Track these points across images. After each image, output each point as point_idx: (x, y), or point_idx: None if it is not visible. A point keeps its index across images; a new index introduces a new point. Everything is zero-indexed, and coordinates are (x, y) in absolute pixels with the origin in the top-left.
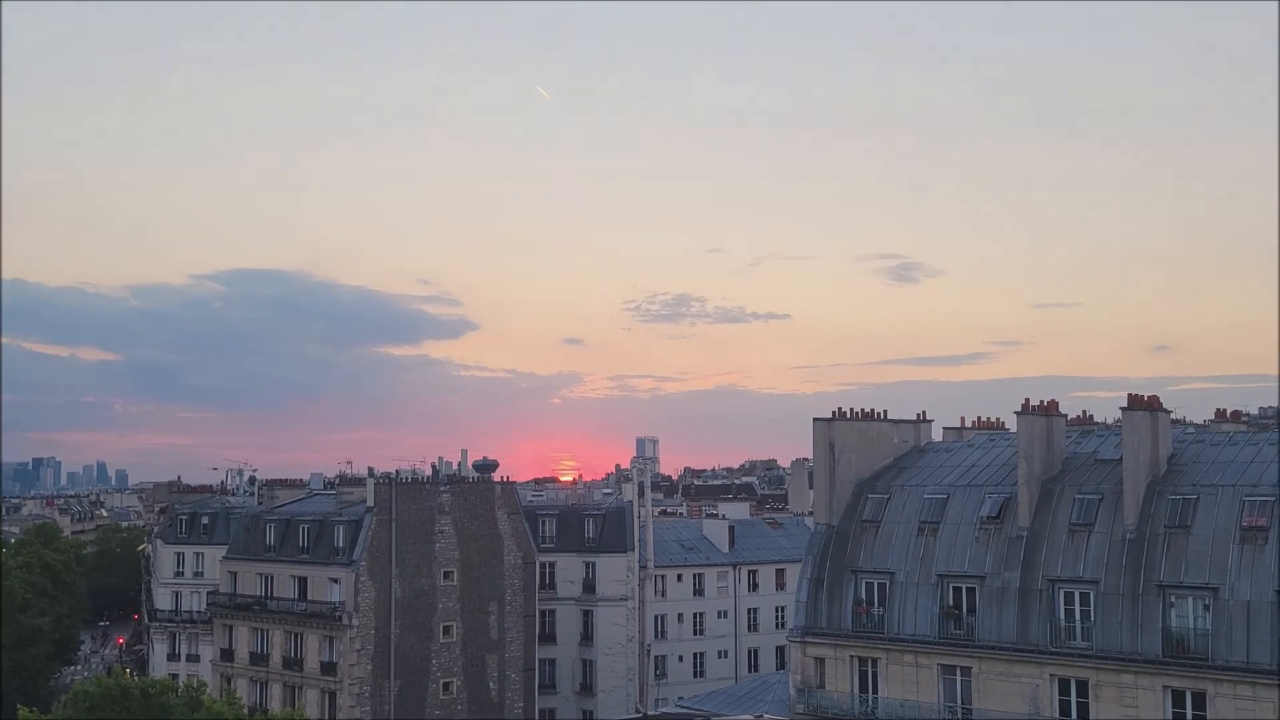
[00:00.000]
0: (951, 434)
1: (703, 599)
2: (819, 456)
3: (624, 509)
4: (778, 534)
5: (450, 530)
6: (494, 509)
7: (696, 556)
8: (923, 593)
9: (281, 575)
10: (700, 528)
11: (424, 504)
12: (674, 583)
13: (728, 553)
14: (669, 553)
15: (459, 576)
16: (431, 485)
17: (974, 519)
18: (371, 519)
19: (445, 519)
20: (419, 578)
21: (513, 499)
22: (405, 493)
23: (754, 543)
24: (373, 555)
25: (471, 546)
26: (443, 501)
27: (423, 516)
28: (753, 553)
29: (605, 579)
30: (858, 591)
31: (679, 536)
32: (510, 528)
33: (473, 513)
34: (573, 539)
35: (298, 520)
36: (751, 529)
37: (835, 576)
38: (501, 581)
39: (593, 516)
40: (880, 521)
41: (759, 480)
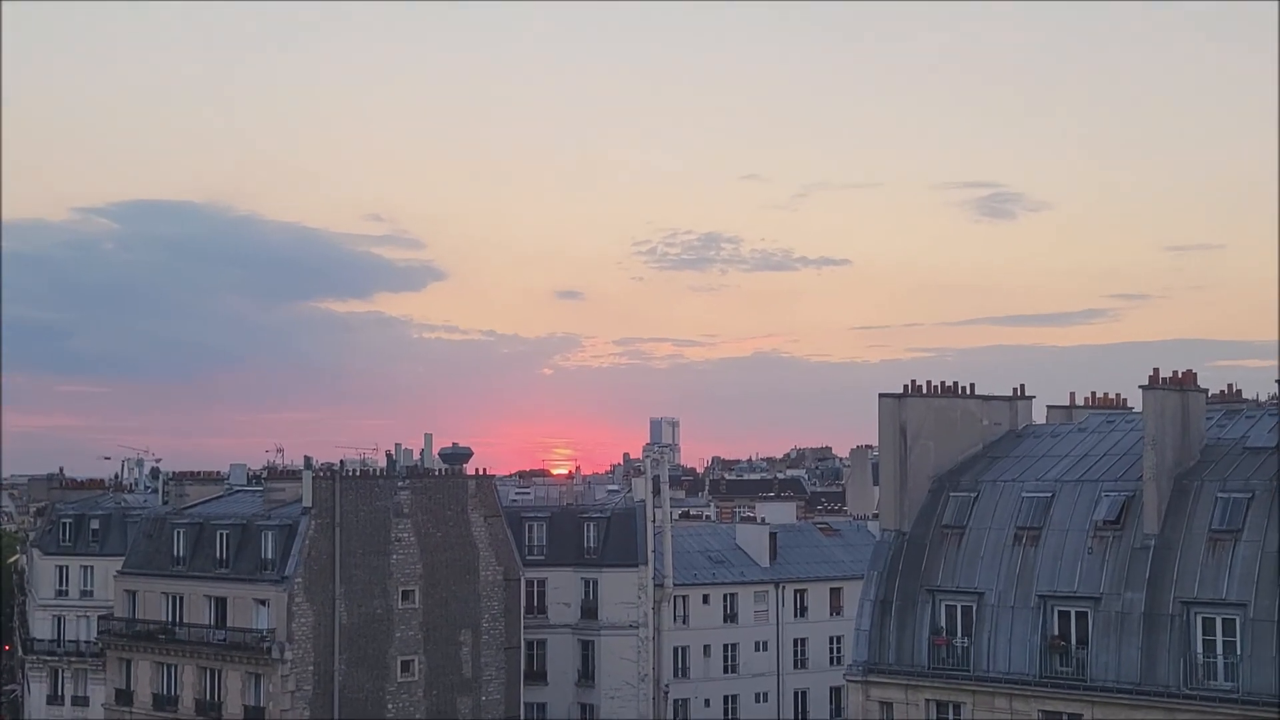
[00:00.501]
0: (1058, 414)
1: (736, 627)
2: (886, 443)
3: (634, 511)
4: (833, 543)
5: (411, 538)
6: (467, 511)
7: (728, 572)
8: (1020, 619)
9: (194, 595)
10: (733, 535)
11: (377, 504)
12: (699, 606)
13: (768, 567)
14: (692, 567)
15: (422, 597)
16: (386, 480)
17: (1086, 524)
18: (309, 523)
19: (404, 524)
20: (370, 599)
21: (491, 498)
22: (352, 489)
23: (802, 554)
24: (310, 570)
25: (438, 559)
26: (401, 501)
27: (375, 520)
28: (801, 567)
29: (610, 601)
30: (936, 617)
31: (705, 546)
32: (488, 535)
33: (440, 515)
34: (568, 549)
35: (214, 525)
36: (799, 537)
37: (907, 598)
38: (476, 604)
39: (594, 521)
40: (965, 527)
41: (809, 474)
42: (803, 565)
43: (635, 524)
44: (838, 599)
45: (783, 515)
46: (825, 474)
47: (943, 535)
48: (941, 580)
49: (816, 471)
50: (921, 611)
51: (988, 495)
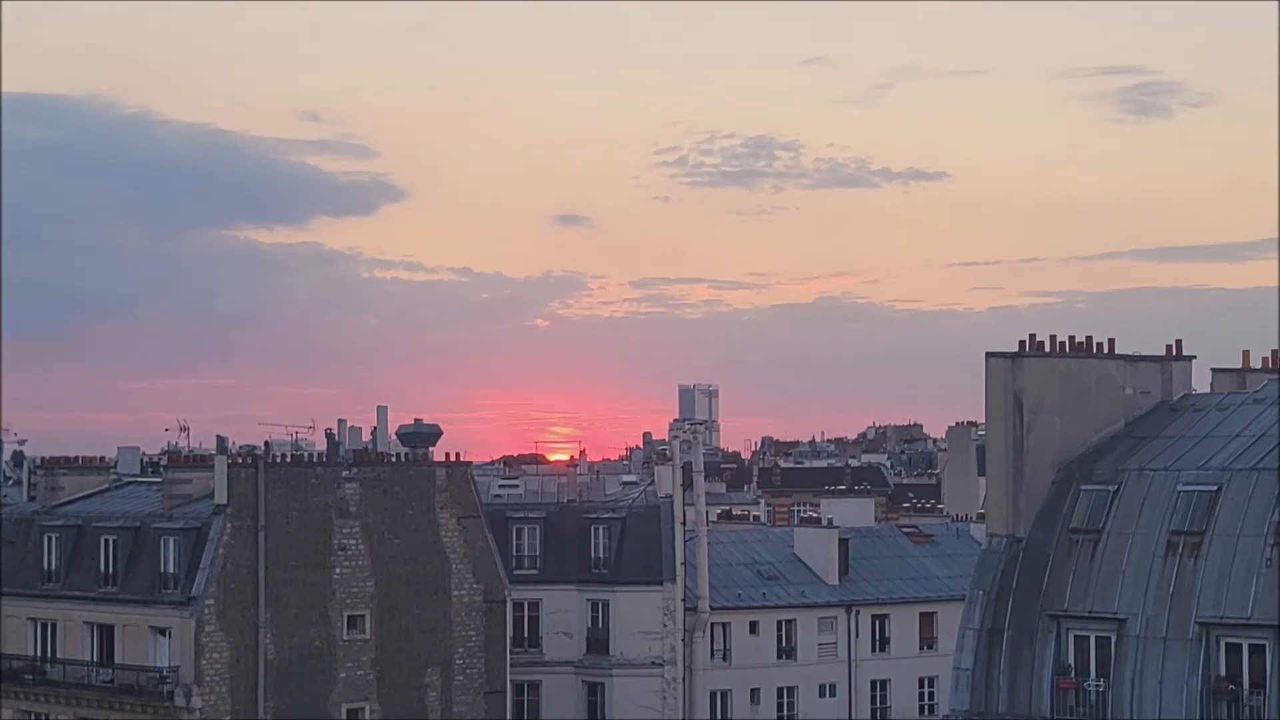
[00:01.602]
0: (1227, 380)
1: (794, 665)
2: (996, 420)
3: (657, 510)
4: (924, 553)
5: (360, 546)
6: (434, 510)
7: (784, 592)
8: (1174, 654)
9: (70, 622)
10: (790, 542)
11: (314, 501)
12: (744, 637)
13: (837, 585)
14: (736, 585)
15: (375, 625)
16: (328, 468)
17: (1263, 528)
18: (223, 527)
19: (351, 526)
20: (306, 627)
21: (467, 493)
22: (282, 481)
23: (883, 568)
24: (226, 589)
25: (396, 574)
26: (347, 496)
27: (312, 522)
28: (881, 585)
29: (626, 630)
30: (1062, 652)
31: (753, 557)
32: (462, 542)
33: (398, 516)
34: (570, 561)
35: (97, 528)
36: (878, 544)
37: (1023, 626)
38: (447, 634)
39: (604, 523)
40: (1102, 532)
41: (892, 460)
42: (883, 582)
43: (659, 527)
44: (930, 627)
45: (857, 515)
46: (914, 461)
47: (1071, 543)
48: (1070, 603)
49: (902, 457)
50: (1042, 645)
51: (1131, 489)
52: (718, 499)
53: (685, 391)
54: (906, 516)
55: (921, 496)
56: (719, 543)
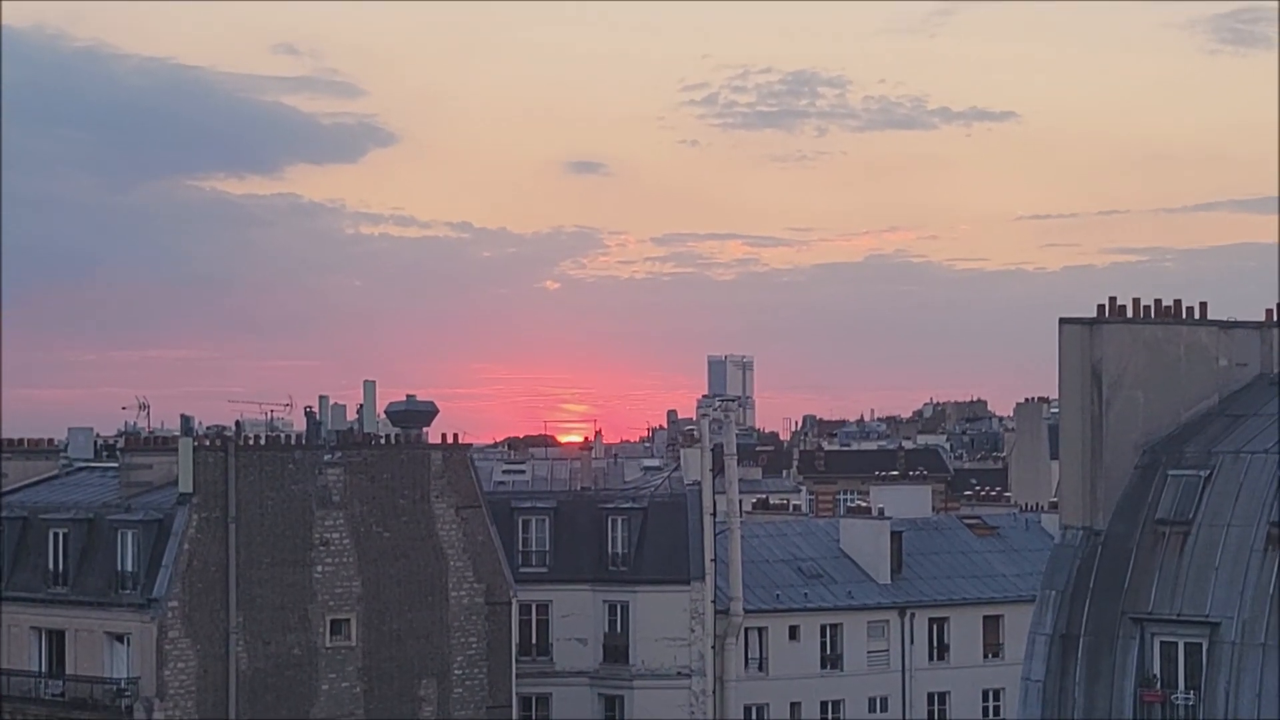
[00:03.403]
0: None
1: (840, 676)
2: (1071, 395)
3: (683, 499)
4: (988, 547)
5: (344, 541)
6: (429, 499)
7: (828, 592)
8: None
9: (16, 627)
10: (835, 535)
11: (292, 489)
12: (782, 643)
13: (889, 584)
14: (773, 584)
15: (362, 631)
16: (307, 451)
17: None
18: (189, 519)
19: (334, 518)
20: (283, 633)
21: (467, 480)
22: (256, 466)
23: (942, 565)
24: (192, 590)
25: (386, 572)
26: (329, 484)
27: (290, 514)
28: (939, 584)
29: (648, 636)
30: (1146, 660)
31: (793, 552)
32: (461, 536)
33: (388, 506)
34: (584, 557)
35: (45, 520)
36: (937, 538)
37: (1102, 631)
38: (445, 640)
39: (623, 514)
40: (1192, 523)
41: (952, 442)
42: (942, 581)
43: (685, 519)
44: (995, 632)
45: (911, 505)
46: (977, 442)
47: (1156, 536)
48: (1155, 604)
49: (964, 438)
50: (1124, 652)
51: (1226, 474)
52: (753, 486)
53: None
54: (968, 506)
55: (986, 483)
56: (754, 536)
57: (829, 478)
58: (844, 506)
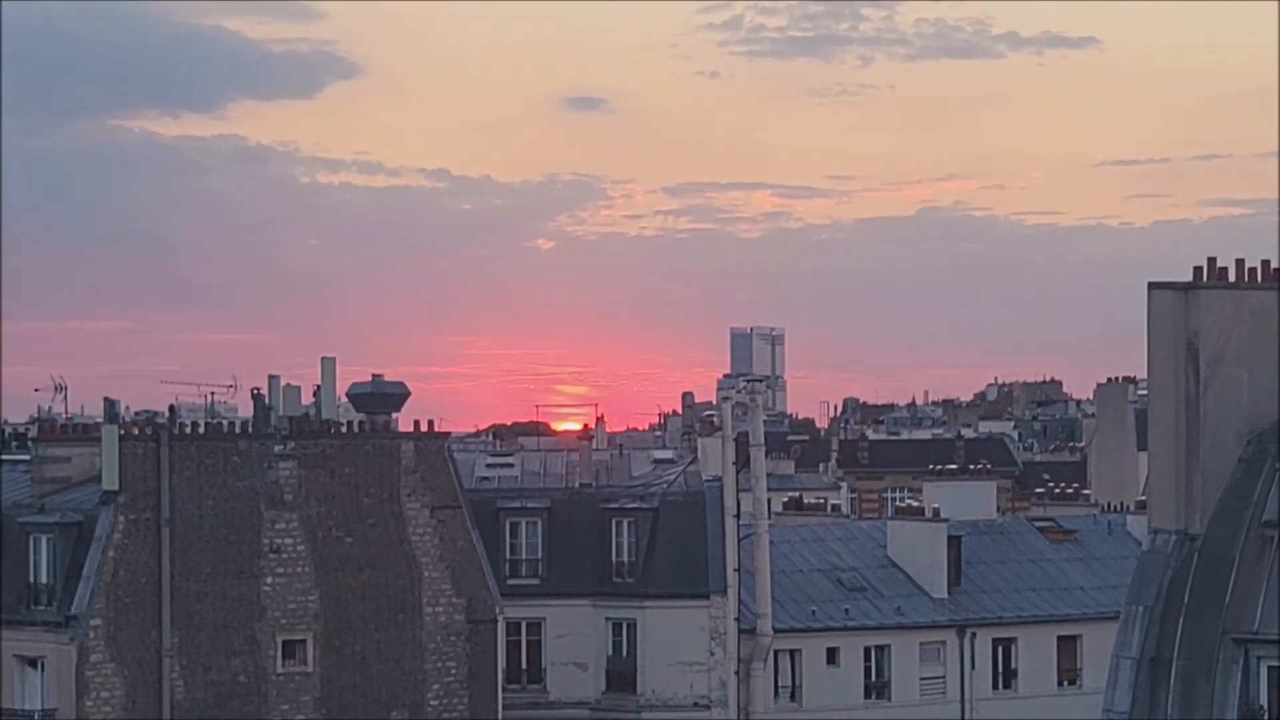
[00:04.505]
0: None
1: (886, 706)
2: (1162, 375)
3: (701, 498)
4: (1064, 554)
5: (299, 546)
6: (399, 498)
7: (873, 608)
8: None
9: None
10: (881, 539)
11: (237, 486)
12: (818, 668)
13: (945, 599)
14: (808, 598)
15: (320, 654)
16: (255, 442)
17: None
18: (114, 521)
19: (287, 521)
20: (227, 657)
21: (445, 475)
22: (194, 459)
23: (1008, 575)
24: (119, 605)
25: (348, 584)
26: (280, 480)
27: (235, 515)
28: (1005, 598)
29: (659, 659)
30: (1251, 689)
31: (832, 561)
32: (438, 541)
33: (351, 506)
34: (583, 567)
35: None
36: (1003, 544)
37: (1198, 654)
38: (418, 664)
39: (630, 516)
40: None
41: (1021, 430)
42: (1008, 595)
43: (704, 522)
44: (1072, 655)
45: (973, 504)
46: (1051, 430)
47: (1263, 541)
48: (1261, 623)
49: (1034, 426)
50: (1224, 679)
51: None
52: (784, 483)
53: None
54: (1040, 506)
55: (1060, 478)
56: (785, 542)
57: (874, 472)
58: (892, 507)
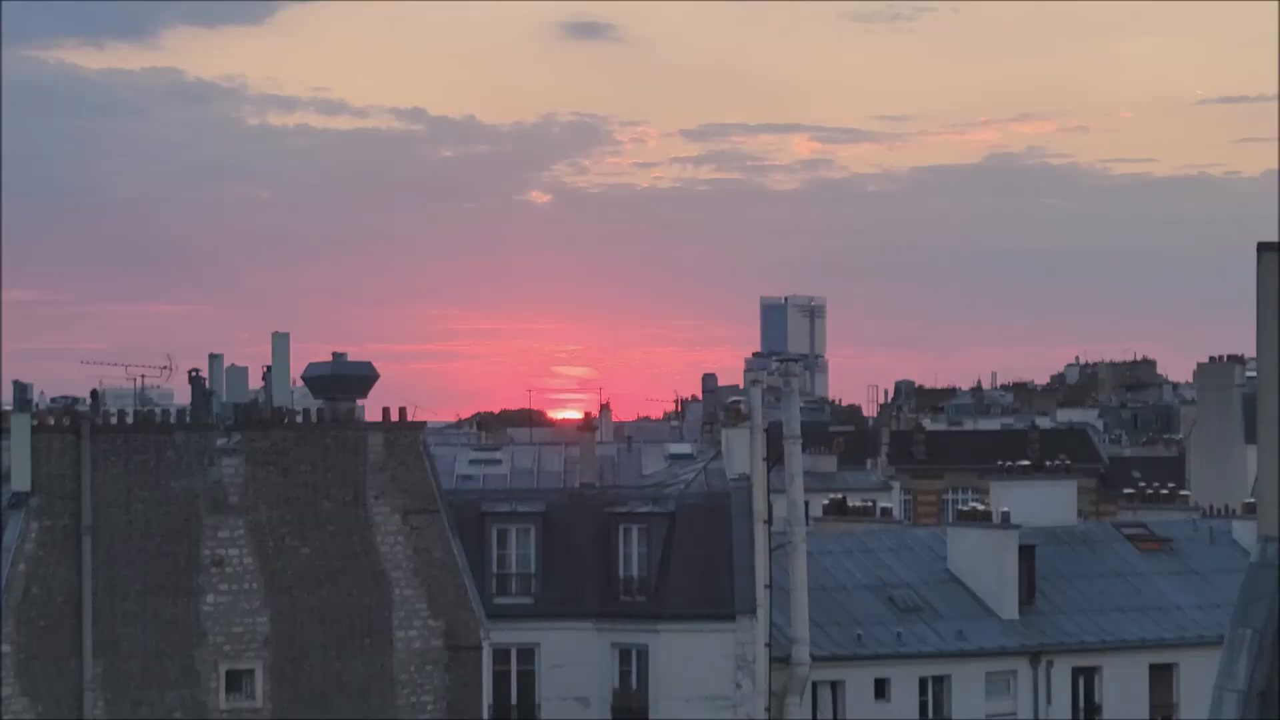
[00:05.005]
0: None
1: None
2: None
3: (724, 501)
4: (1157, 566)
5: (246, 558)
6: (365, 499)
7: (929, 632)
8: None
9: None
10: (940, 549)
11: (172, 486)
12: (865, 700)
13: (1017, 620)
14: (853, 619)
15: (271, 685)
16: (193, 434)
17: None
18: (26, 528)
19: (232, 527)
20: (160, 689)
21: (419, 473)
22: (121, 454)
23: (1092, 591)
24: (31, 628)
25: (305, 603)
26: (224, 479)
27: (170, 521)
28: (1087, 619)
29: (675, 692)
30: None
31: (881, 575)
32: (412, 551)
33: (308, 510)
34: (585, 582)
35: None
36: (1084, 554)
37: None
38: (388, 698)
39: (641, 523)
40: None
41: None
42: (1091, 616)
43: (728, 529)
44: (1167, 687)
45: (1049, 508)
46: (1142, 419)
47: None
48: None
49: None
50: None
51: None
52: (824, 482)
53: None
54: (1129, 509)
55: (1154, 477)
56: (826, 553)
57: (932, 470)
58: (953, 510)
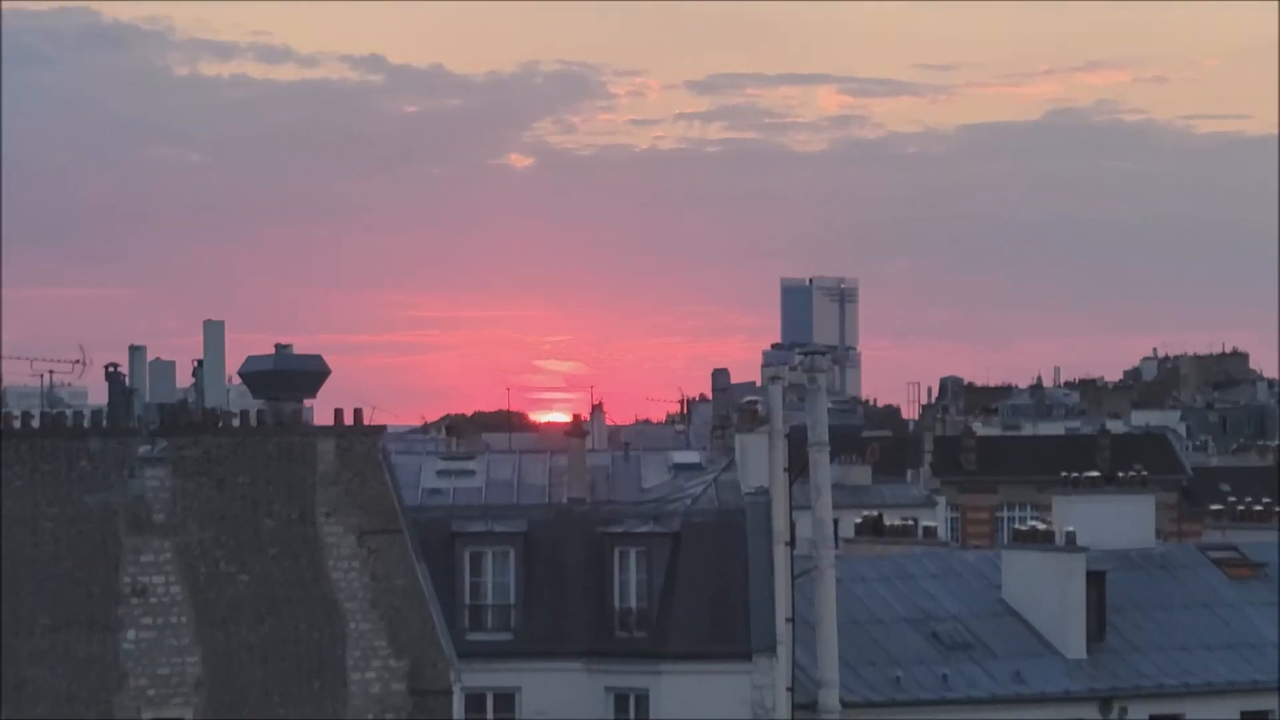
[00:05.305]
0: None
1: None
2: None
3: (739, 519)
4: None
5: (174, 587)
6: (314, 518)
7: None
8: None
9: None
10: (994, 577)
11: (86, 502)
12: None
13: (1084, 660)
14: (890, 657)
15: None
16: (110, 440)
17: None
18: None
19: (157, 550)
20: None
21: (377, 486)
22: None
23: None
24: None
25: (243, 638)
26: (147, 492)
27: (84, 543)
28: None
29: None
30: None
31: (924, 607)
32: (369, 579)
33: (246, 528)
34: (576, 616)
35: None
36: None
37: None
38: None
39: (640, 546)
40: None
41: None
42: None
43: (743, 551)
44: None
45: (1123, 527)
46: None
47: None
48: None
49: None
50: None
51: None
52: (857, 496)
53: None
54: (1217, 529)
55: (1245, 490)
56: (859, 580)
57: (984, 482)
58: (1009, 530)
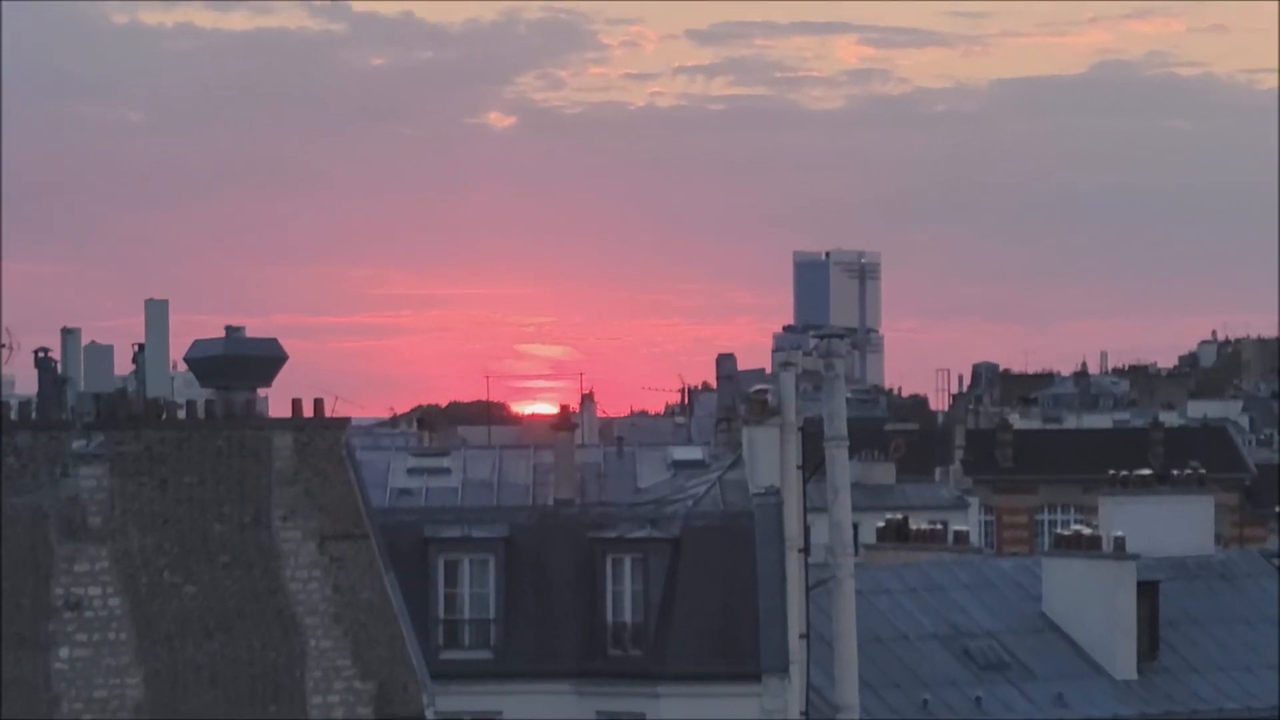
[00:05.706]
0: None
1: None
2: None
3: (747, 523)
4: None
5: (112, 599)
6: (269, 521)
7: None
8: None
9: None
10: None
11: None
12: None
13: (1135, 681)
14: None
15: None
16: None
17: None
18: None
19: (93, 558)
20: None
21: (341, 485)
22: None
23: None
24: None
25: (189, 657)
26: (82, 493)
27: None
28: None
29: None
30: None
31: (954, 621)
32: (331, 591)
33: (193, 535)
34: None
35: None
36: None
37: None
38: None
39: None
40: None
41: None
42: (1234, 675)
43: (751, 560)
44: None
45: (1178, 532)
46: None
47: None
48: None
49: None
50: None
51: None
52: (880, 497)
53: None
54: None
55: None
56: (881, 591)
57: (1022, 481)
58: (1050, 535)
